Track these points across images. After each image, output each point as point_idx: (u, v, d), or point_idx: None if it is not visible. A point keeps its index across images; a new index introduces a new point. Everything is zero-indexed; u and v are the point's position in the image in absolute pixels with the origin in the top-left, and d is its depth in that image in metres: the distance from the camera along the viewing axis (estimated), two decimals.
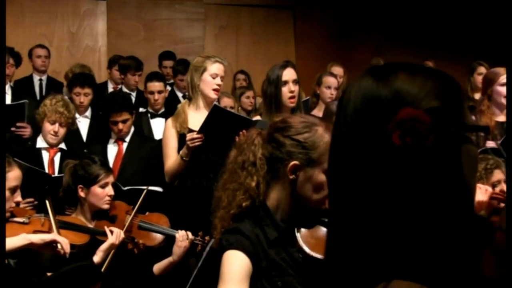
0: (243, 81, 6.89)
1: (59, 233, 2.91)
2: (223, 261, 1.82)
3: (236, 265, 1.80)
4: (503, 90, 3.87)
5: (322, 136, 1.91)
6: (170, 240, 3.32)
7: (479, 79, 5.20)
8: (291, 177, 1.89)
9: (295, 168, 1.89)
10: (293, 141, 1.90)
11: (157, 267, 3.28)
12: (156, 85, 5.15)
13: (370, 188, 0.89)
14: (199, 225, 3.37)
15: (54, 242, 2.69)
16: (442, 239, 0.86)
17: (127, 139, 4.27)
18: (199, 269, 2.53)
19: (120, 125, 4.15)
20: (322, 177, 1.88)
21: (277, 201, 1.93)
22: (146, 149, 4.21)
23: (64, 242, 2.71)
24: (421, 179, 0.86)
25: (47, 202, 3.06)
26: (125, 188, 3.66)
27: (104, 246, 3.06)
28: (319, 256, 1.92)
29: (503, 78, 3.91)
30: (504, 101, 3.87)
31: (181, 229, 3.32)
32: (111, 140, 4.28)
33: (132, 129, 4.32)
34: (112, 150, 4.25)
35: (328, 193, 0.99)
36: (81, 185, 3.22)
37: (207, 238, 3.22)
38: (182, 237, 3.25)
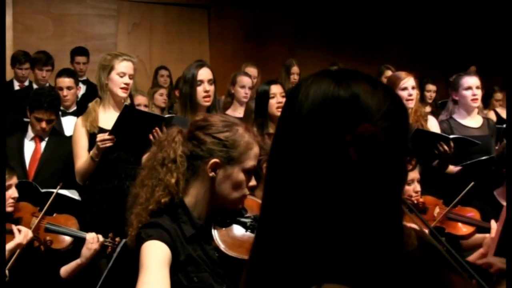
0: (167, 77, 6.83)
1: None
2: (143, 251, 1.83)
3: (157, 252, 1.82)
4: (403, 94, 4.04)
5: (243, 135, 1.96)
6: (78, 242, 3.23)
7: (385, 82, 5.41)
8: (210, 174, 1.93)
9: (215, 166, 1.93)
10: (214, 139, 1.94)
11: (64, 270, 3.18)
12: (65, 81, 5.01)
13: (309, 186, 0.89)
14: (109, 225, 3.31)
15: None
16: (373, 244, 0.88)
17: (46, 138, 4.12)
18: (110, 270, 2.49)
19: (44, 124, 4.00)
20: (241, 175, 1.95)
21: (196, 199, 1.96)
22: (64, 149, 4.08)
23: None
24: (362, 190, 0.88)
25: None
26: (43, 191, 3.52)
27: (10, 246, 2.94)
28: (234, 255, 1.95)
29: (403, 83, 4.10)
30: (405, 104, 4.05)
31: (91, 230, 3.24)
32: (28, 136, 4.11)
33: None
34: (28, 147, 4.08)
35: (264, 189, 0.98)
36: None
37: (117, 239, 3.16)
38: (93, 239, 3.16)
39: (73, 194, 3.67)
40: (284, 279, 0.89)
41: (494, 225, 3.15)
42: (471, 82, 4.27)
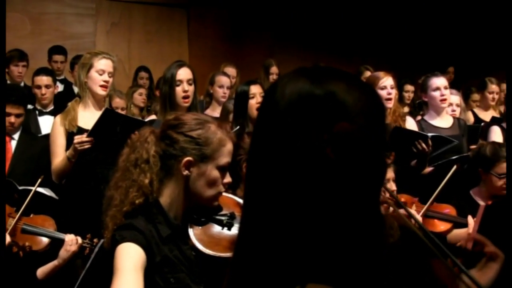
0: (147, 80, 6.79)
1: None
2: (117, 254, 1.81)
3: (131, 256, 1.80)
4: (382, 93, 4.06)
5: (215, 132, 1.95)
6: (55, 243, 3.19)
7: None
8: (184, 173, 1.91)
9: (189, 164, 1.91)
10: (187, 138, 1.92)
11: (41, 271, 3.14)
12: (43, 79, 4.98)
13: (289, 185, 0.90)
14: (86, 226, 3.28)
15: None
16: (355, 244, 0.89)
17: (16, 136, 4.05)
18: (87, 270, 2.47)
19: (13, 118, 3.93)
20: (215, 173, 1.94)
21: (171, 198, 1.94)
22: (37, 147, 4.02)
23: None
24: (341, 188, 0.89)
25: None
26: (21, 188, 3.48)
27: None
28: (212, 253, 1.95)
29: (382, 82, 4.12)
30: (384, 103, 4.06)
31: (68, 230, 3.21)
32: None
33: (20, 127, 4.12)
34: None
35: (244, 189, 0.98)
36: None
37: (95, 240, 3.13)
38: (71, 241, 3.13)
39: (49, 193, 3.62)
40: (268, 278, 0.89)
41: (471, 220, 3.19)
42: (439, 82, 4.33)
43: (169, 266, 1.87)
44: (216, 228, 2.04)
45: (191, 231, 1.99)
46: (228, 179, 1.99)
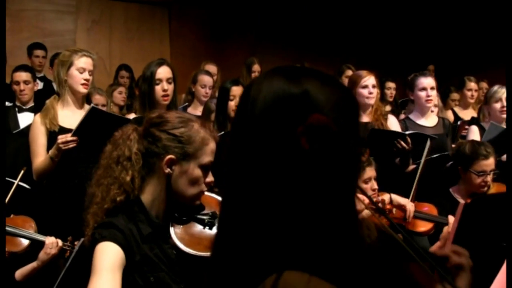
0: (127, 78, 6.75)
1: None
2: (96, 253, 1.80)
3: (109, 255, 1.78)
4: (364, 92, 4.09)
5: (198, 131, 1.94)
6: (35, 244, 3.15)
7: (346, 81, 5.45)
8: (166, 171, 1.90)
9: (171, 162, 1.91)
10: (169, 136, 1.92)
11: (20, 273, 3.09)
12: (22, 75, 4.94)
13: (267, 180, 0.92)
14: (68, 225, 3.25)
15: None
16: (328, 232, 0.91)
17: None
18: (68, 269, 2.45)
19: None
20: (197, 171, 1.93)
21: (153, 196, 1.93)
22: (10, 146, 3.98)
23: None
24: (316, 179, 0.91)
25: None
26: None
27: None
28: (193, 252, 1.94)
29: (364, 81, 4.14)
30: (365, 101, 4.08)
31: (49, 230, 3.17)
32: None
33: None
34: None
35: (224, 185, 1.01)
36: None
37: (76, 243, 3.10)
38: (52, 244, 3.09)
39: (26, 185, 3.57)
40: (245, 268, 0.91)
41: (451, 219, 3.21)
42: (426, 83, 4.37)
43: (149, 265, 1.86)
44: (198, 227, 2.03)
45: (172, 230, 1.99)
46: (210, 178, 1.98)
